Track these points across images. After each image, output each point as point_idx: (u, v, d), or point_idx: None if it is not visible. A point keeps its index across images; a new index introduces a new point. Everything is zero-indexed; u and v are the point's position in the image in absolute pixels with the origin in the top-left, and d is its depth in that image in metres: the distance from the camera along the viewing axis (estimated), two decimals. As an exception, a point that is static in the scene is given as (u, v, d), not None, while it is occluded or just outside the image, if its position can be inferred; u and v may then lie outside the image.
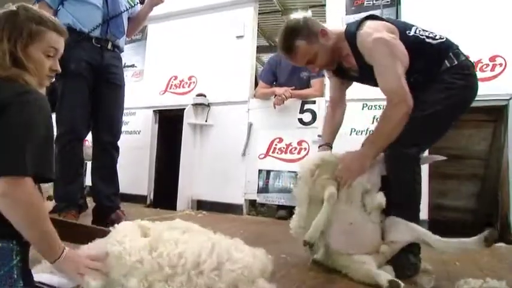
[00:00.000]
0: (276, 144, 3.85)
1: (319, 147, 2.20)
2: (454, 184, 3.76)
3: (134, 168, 4.34)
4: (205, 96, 4.20)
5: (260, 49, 6.88)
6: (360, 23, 1.84)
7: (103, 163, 2.75)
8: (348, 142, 2.22)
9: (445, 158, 2.06)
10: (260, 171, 3.89)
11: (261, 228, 3.17)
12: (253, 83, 4.23)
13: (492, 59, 3.15)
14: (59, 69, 1.36)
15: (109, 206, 2.70)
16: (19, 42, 1.25)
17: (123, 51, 2.90)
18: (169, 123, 4.49)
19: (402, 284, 1.51)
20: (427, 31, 1.89)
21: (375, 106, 3.41)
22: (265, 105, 4.01)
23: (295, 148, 3.74)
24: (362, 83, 2.10)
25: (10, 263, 1.14)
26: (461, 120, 3.63)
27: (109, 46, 2.73)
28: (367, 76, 1.88)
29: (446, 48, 1.82)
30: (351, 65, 1.92)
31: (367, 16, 1.92)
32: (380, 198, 1.75)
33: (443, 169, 3.73)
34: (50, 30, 1.31)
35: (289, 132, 3.78)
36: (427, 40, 1.82)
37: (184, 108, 4.14)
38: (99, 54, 2.69)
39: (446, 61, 1.79)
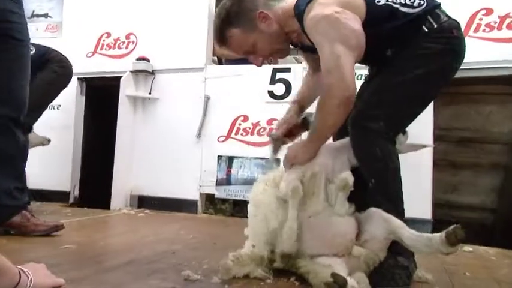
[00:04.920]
0: (239, 124, 3.85)
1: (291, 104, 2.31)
2: (468, 176, 3.81)
3: (52, 156, 4.20)
4: (148, 60, 4.14)
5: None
6: None
7: (0, 146, 2.61)
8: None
9: (432, 145, 2.09)
10: (220, 157, 3.88)
11: (219, 230, 3.17)
12: (211, 44, 4.13)
13: (522, 12, 3.16)
14: None
15: (10, 205, 2.56)
16: None
17: (24, -7, 2.73)
18: (101, 96, 4.38)
19: (349, 281, 1.52)
20: None
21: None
22: (226, 74, 3.96)
23: (264, 128, 3.72)
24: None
25: None
26: (478, 93, 3.79)
27: (2, -16, 2.56)
28: None
29: (425, 12, 1.90)
30: (305, 41, 2.02)
31: None
32: (345, 175, 1.77)
33: (453, 156, 3.76)
34: None
35: (257, 108, 3.78)
36: (402, 9, 1.88)
37: (121, 76, 4.05)
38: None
39: (424, 26, 1.88)
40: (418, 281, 1.80)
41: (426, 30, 1.86)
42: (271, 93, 3.75)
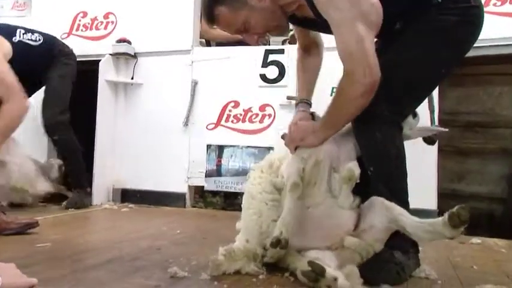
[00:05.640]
0: (230, 110, 3.84)
1: (296, 105, 2.27)
2: (476, 163, 3.83)
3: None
4: (129, 42, 4.11)
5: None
6: None
7: None
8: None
9: (445, 129, 2.09)
10: (209, 146, 3.88)
11: (209, 224, 3.18)
12: (198, 24, 4.13)
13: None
14: None
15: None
16: None
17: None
18: (78, 82, 4.18)
19: (327, 269, 1.53)
20: None
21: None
22: (215, 56, 3.94)
23: (257, 115, 3.73)
24: (326, 33, 2.11)
25: None
26: (486, 73, 3.77)
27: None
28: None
29: None
30: (307, 14, 1.96)
31: None
32: (351, 166, 1.75)
33: (460, 142, 3.76)
34: None
35: (248, 93, 3.77)
36: None
37: (100, 60, 4.02)
38: None
39: None
40: (420, 277, 1.80)
41: (439, 0, 1.82)
42: (263, 77, 3.72)
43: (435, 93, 3.04)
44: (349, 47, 1.69)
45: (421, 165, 3.06)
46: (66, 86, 3.73)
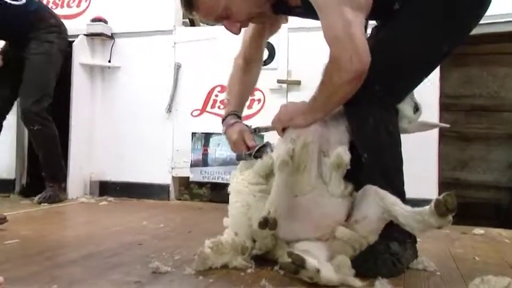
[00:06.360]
0: (216, 95, 3.86)
1: (223, 120, 2.28)
2: (480, 149, 3.86)
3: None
4: (106, 22, 4.11)
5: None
6: None
7: None
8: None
9: (447, 126, 2.12)
10: (194, 134, 3.89)
11: (195, 217, 3.20)
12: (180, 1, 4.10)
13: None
14: None
15: None
16: None
17: None
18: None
19: (308, 260, 1.53)
20: None
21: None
22: (200, 37, 3.93)
23: None
24: (314, 19, 2.07)
25: None
26: (490, 53, 3.77)
27: None
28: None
29: None
30: (294, 3, 1.96)
31: None
32: (340, 151, 1.74)
33: (462, 127, 3.77)
34: None
35: None
36: None
37: (73, 41, 4.00)
38: None
39: None
40: (418, 270, 1.82)
41: None
42: (252, 59, 3.71)
43: (436, 74, 3.04)
44: (335, 31, 1.68)
45: (421, 151, 3.07)
46: (46, 68, 3.64)
